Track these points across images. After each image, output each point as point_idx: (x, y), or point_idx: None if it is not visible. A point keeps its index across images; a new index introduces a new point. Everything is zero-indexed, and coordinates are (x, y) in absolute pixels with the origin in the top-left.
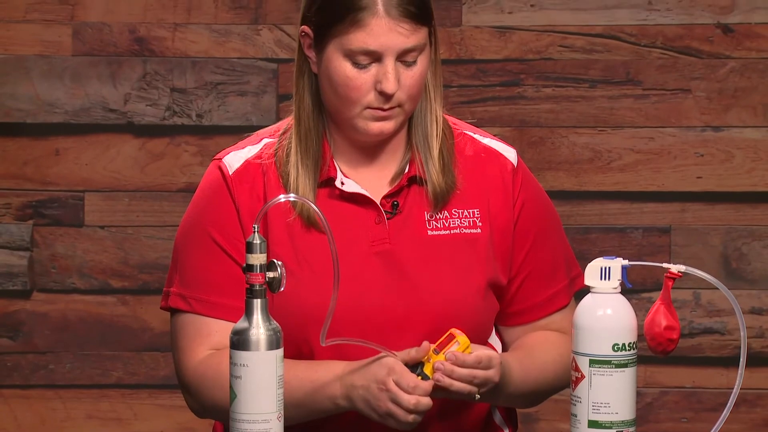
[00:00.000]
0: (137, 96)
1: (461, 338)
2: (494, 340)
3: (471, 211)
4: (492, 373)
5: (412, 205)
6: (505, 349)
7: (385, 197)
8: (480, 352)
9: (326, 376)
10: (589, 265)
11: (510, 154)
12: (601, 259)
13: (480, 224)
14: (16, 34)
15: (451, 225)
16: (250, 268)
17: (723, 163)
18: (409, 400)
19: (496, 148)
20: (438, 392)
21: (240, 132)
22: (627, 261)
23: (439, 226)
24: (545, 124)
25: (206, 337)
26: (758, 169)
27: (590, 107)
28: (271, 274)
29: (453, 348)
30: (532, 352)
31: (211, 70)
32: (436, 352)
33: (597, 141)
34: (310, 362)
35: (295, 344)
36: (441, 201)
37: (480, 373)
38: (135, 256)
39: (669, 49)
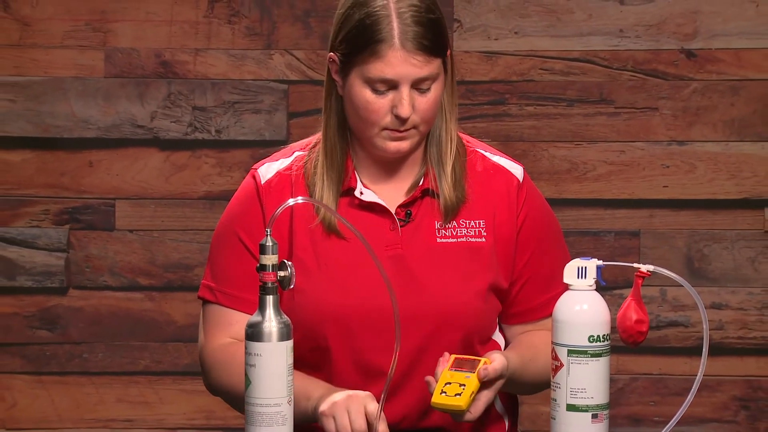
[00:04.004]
0: (162, 114)
1: (483, 359)
2: (498, 336)
3: (477, 221)
4: (501, 383)
5: (423, 215)
6: (507, 341)
7: (400, 206)
8: (499, 359)
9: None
10: (567, 265)
11: (517, 171)
12: (578, 259)
13: (485, 234)
14: (54, 58)
15: (459, 234)
16: (263, 267)
17: (687, 174)
18: None
19: (504, 165)
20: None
21: (254, 146)
22: (601, 261)
23: (447, 234)
24: (528, 138)
25: (226, 326)
26: (718, 179)
27: (568, 124)
28: (282, 273)
29: (481, 367)
30: (536, 352)
31: (229, 90)
32: (459, 370)
33: (574, 154)
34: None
35: (314, 339)
36: (451, 213)
37: (501, 383)
38: (160, 257)
39: (638, 71)
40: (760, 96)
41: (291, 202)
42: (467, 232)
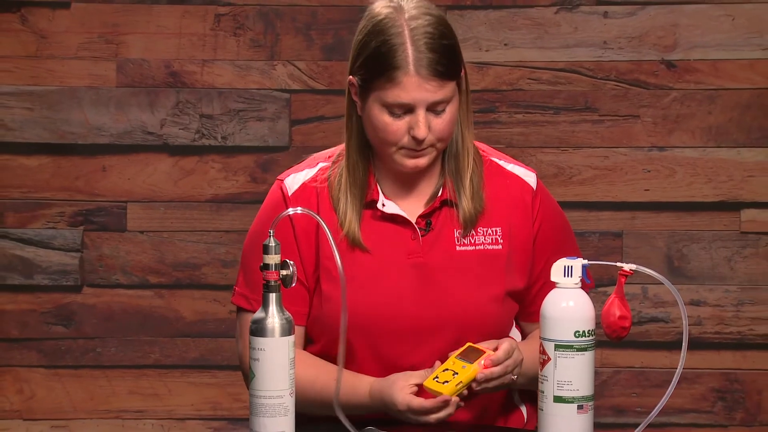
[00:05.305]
0: (171, 121)
1: (488, 351)
2: (515, 333)
3: (494, 229)
4: (518, 354)
5: (443, 224)
6: (524, 337)
7: (420, 216)
8: (504, 344)
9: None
10: (554, 264)
11: (530, 178)
12: (564, 259)
13: (501, 241)
14: (69, 69)
15: (477, 242)
16: (266, 266)
17: (667, 178)
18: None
19: (518, 174)
20: (485, 390)
21: (258, 151)
22: (586, 261)
23: (466, 242)
24: (517, 144)
25: None
26: (696, 183)
27: (555, 130)
28: (284, 272)
29: (483, 357)
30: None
31: (234, 99)
32: (462, 359)
33: (560, 159)
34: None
35: (334, 339)
36: (470, 224)
37: (511, 361)
38: (169, 257)
39: (621, 81)
40: (735, 104)
41: (290, 211)
42: (485, 239)
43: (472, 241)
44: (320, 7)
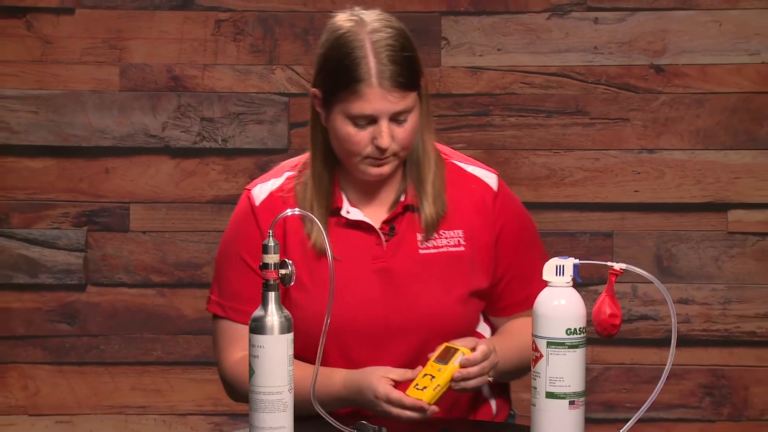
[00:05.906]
0: (173, 124)
1: (462, 349)
2: (483, 327)
3: (456, 231)
4: (494, 357)
5: (406, 229)
6: (494, 331)
7: (384, 222)
8: (482, 346)
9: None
10: (546, 263)
11: (491, 180)
12: (556, 258)
13: (464, 243)
14: (73, 73)
15: (439, 245)
16: (265, 266)
17: (656, 180)
18: (401, 414)
19: (479, 176)
20: (464, 390)
21: (257, 154)
22: (577, 260)
23: (429, 245)
24: (510, 147)
25: (239, 340)
26: (685, 184)
27: (547, 133)
28: (283, 271)
29: (459, 357)
30: (512, 336)
31: (234, 102)
32: (440, 361)
33: (552, 161)
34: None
35: (313, 349)
36: (431, 228)
37: (488, 363)
38: (171, 257)
39: (611, 85)
40: (723, 108)
41: (288, 212)
42: (447, 242)
43: (435, 244)
44: (317, 13)
